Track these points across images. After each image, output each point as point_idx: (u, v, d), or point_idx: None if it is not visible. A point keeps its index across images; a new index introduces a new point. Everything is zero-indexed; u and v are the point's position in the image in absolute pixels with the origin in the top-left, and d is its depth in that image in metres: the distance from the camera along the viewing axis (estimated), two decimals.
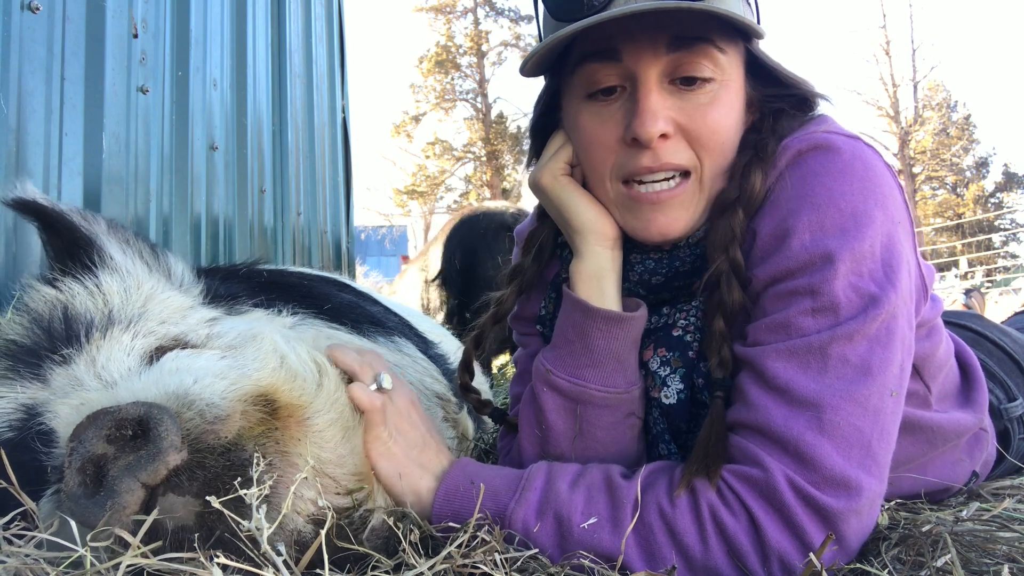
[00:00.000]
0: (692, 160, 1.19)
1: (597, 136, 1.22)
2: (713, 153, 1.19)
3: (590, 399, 1.22)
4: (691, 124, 1.16)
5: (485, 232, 5.18)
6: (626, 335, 1.23)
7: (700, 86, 1.17)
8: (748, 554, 0.99)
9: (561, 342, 1.26)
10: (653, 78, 1.15)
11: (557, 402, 1.24)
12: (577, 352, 1.24)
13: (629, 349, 1.24)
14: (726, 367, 1.14)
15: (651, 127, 1.13)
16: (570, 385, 1.23)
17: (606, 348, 1.22)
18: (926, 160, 29.35)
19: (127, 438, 0.84)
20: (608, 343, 1.22)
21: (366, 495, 1.05)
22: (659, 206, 1.20)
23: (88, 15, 2.22)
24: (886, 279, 1.08)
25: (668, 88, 1.17)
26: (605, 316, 1.22)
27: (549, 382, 1.25)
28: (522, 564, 1.02)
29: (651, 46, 1.14)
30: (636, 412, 1.26)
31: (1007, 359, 1.69)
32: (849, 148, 1.14)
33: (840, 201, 1.10)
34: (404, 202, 29.10)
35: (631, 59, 1.16)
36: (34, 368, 1.06)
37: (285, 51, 4.31)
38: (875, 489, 1.02)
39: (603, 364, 1.22)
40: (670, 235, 1.22)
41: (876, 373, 1.04)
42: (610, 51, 1.17)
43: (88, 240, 1.21)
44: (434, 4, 29.03)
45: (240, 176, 3.57)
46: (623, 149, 1.20)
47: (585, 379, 1.22)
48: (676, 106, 1.16)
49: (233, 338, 1.12)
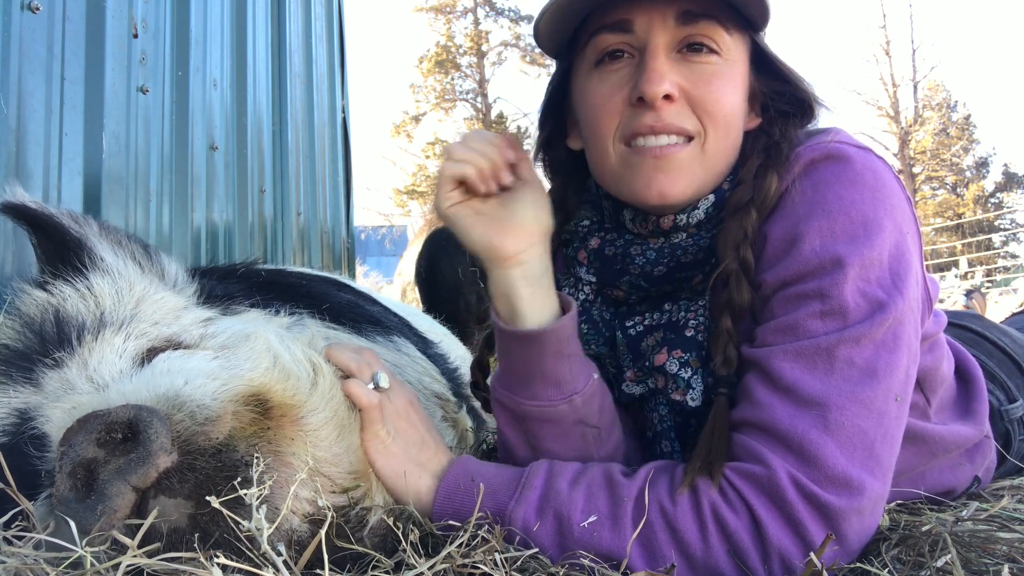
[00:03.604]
0: (696, 126, 1.20)
1: (604, 98, 1.24)
2: (717, 123, 1.20)
3: (527, 414, 1.20)
4: (695, 91, 1.19)
5: (447, 243, 5.28)
6: (543, 351, 1.16)
7: (706, 55, 1.20)
8: (749, 552, 0.99)
9: (499, 358, 1.26)
10: (661, 44, 1.19)
11: (506, 416, 1.24)
12: (508, 369, 1.22)
13: (554, 361, 1.17)
14: (730, 365, 1.16)
15: (656, 86, 1.16)
16: (509, 401, 1.22)
17: (526, 365, 1.18)
18: (926, 160, 29.33)
19: (117, 441, 0.84)
20: (526, 361, 1.18)
21: (363, 493, 1.05)
22: (661, 163, 1.20)
23: (88, 15, 2.22)
24: (893, 286, 1.10)
25: (675, 57, 1.20)
26: (512, 335, 1.18)
27: (496, 398, 1.25)
28: (522, 564, 1.02)
29: (661, 18, 1.19)
30: (586, 420, 1.21)
31: (1007, 360, 1.69)
32: (860, 158, 1.17)
33: (851, 209, 1.12)
34: (404, 202, 29.11)
35: (642, 28, 1.20)
36: (26, 372, 1.06)
37: (285, 51, 4.31)
38: (878, 490, 1.03)
39: (530, 380, 1.19)
40: (669, 197, 1.22)
41: (882, 377, 1.05)
42: (622, 22, 1.21)
43: (79, 242, 1.21)
44: (434, 4, 29.04)
45: (240, 176, 3.57)
46: (628, 111, 1.22)
47: (518, 394, 1.20)
48: (682, 73, 1.20)
49: (227, 338, 1.12)
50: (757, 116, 1.32)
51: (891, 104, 28.73)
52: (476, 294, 5.37)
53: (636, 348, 1.35)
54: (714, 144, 1.21)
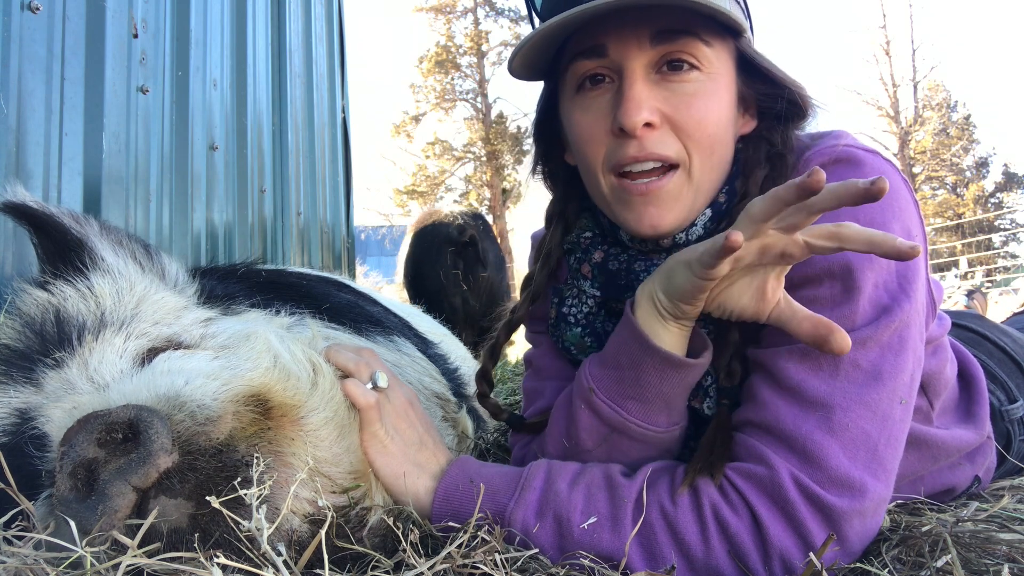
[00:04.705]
0: (680, 153, 1.19)
1: (587, 128, 1.24)
2: (701, 145, 1.19)
3: (626, 431, 1.17)
4: (676, 114, 1.17)
5: (430, 247, 5.42)
6: (682, 380, 1.14)
7: (686, 73, 1.18)
8: (750, 552, 0.99)
9: (611, 364, 1.18)
10: (638, 69, 1.17)
11: (592, 423, 1.19)
12: (626, 381, 1.16)
13: (681, 393, 1.16)
14: (734, 378, 1.17)
15: (635, 115, 1.15)
16: (610, 412, 1.17)
17: (657, 388, 1.14)
18: (926, 160, 29.30)
19: (117, 441, 0.84)
20: (661, 384, 1.14)
21: (363, 493, 1.05)
22: (648, 198, 1.20)
23: (88, 15, 2.22)
24: (900, 289, 1.10)
25: (654, 78, 1.18)
26: (664, 357, 1.12)
27: (589, 402, 1.19)
28: (523, 564, 1.02)
29: (635, 39, 1.17)
30: (671, 449, 1.21)
31: (1008, 360, 1.69)
32: (870, 161, 1.17)
33: (858, 212, 1.11)
34: (404, 202, 29.05)
35: (616, 52, 1.18)
36: (27, 372, 1.06)
37: (285, 51, 4.31)
38: (880, 492, 1.03)
39: (650, 402, 1.15)
40: (661, 228, 1.22)
41: (887, 379, 1.05)
42: (597, 47, 1.20)
43: (79, 242, 1.21)
44: (434, 4, 29.01)
45: (240, 176, 3.57)
46: (612, 140, 1.21)
47: (628, 411, 1.16)
48: (661, 96, 1.18)
49: (227, 338, 1.11)
50: (752, 119, 1.31)
51: (891, 104, 28.71)
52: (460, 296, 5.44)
53: None
54: (700, 167, 1.20)
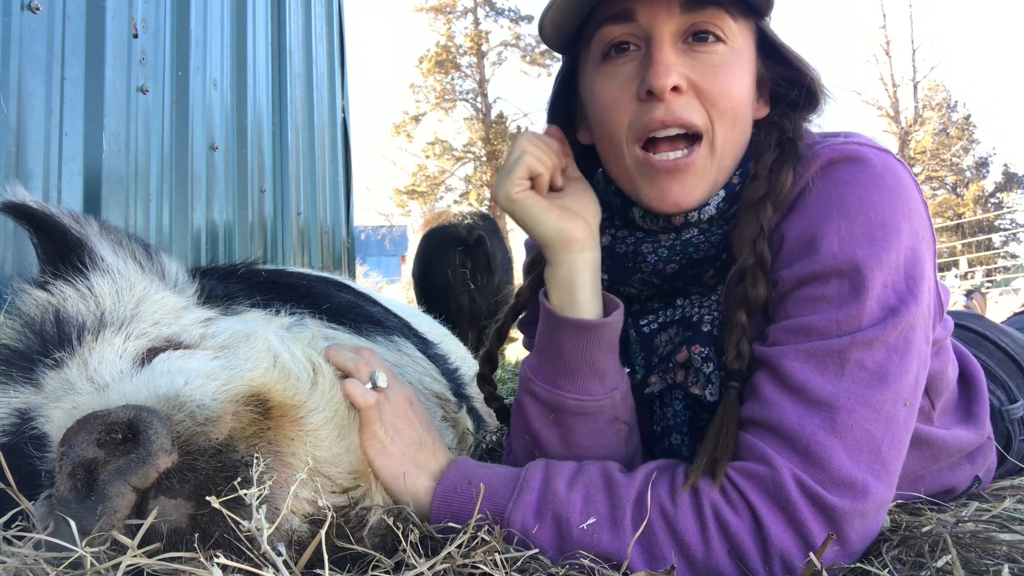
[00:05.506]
0: (704, 120, 1.20)
1: (612, 95, 1.24)
2: (724, 115, 1.20)
3: (564, 407, 1.21)
4: (703, 82, 1.19)
5: (438, 246, 5.50)
6: (598, 341, 1.20)
7: (712, 45, 1.19)
8: (750, 552, 0.99)
9: (540, 349, 1.25)
10: (667, 35, 1.18)
11: (539, 410, 1.24)
12: (553, 359, 1.22)
13: (604, 354, 1.21)
14: (743, 360, 1.16)
15: (664, 78, 1.15)
16: (548, 394, 1.22)
17: (578, 356, 1.20)
18: (926, 160, 29.29)
19: (117, 441, 0.84)
20: (580, 351, 1.20)
21: (363, 493, 1.05)
22: (675, 175, 1.21)
23: (88, 15, 2.23)
24: (908, 290, 1.10)
25: (681, 47, 1.20)
26: (574, 324, 1.19)
27: (530, 390, 1.25)
28: (522, 564, 1.01)
29: (665, 5, 1.18)
30: (621, 417, 1.24)
31: (1008, 360, 1.69)
32: (880, 161, 1.17)
33: (869, 211, 1.12)
34: (404, 202, 29.05)
35: (645, 17, 1.19)
36: (27, 372, 1.06)
37: (285, 51, 4.31)
38: (883, 494, 1.03)
39: (578, 372, 1.20)
40: (684, 205, 1.23)
41: (892, 381, 1.05)
42: (626, 11, 1.20)
43: (79, 242, 1.21)
44: (434, 4, 29.01)
45: (240, 176, 3.57)
46: (637, 106, 1.21)
47: (562, 387, 1.21)
48: (688, 64, 1.19)
49: (227, 338, 1.11)
50: (766, 104, 1.32)
51: (891, 104, 28.70)
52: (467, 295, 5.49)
53: (649, 345, 1.36)
54: (722, 139, 1.21)
